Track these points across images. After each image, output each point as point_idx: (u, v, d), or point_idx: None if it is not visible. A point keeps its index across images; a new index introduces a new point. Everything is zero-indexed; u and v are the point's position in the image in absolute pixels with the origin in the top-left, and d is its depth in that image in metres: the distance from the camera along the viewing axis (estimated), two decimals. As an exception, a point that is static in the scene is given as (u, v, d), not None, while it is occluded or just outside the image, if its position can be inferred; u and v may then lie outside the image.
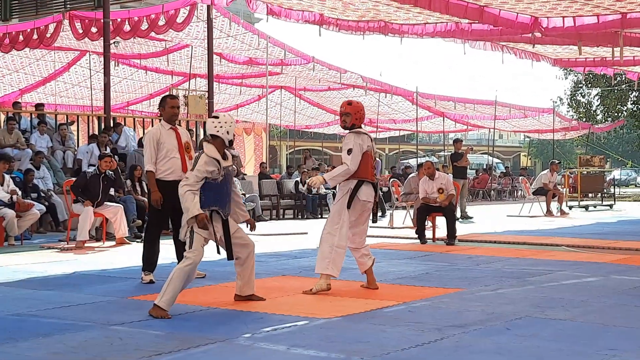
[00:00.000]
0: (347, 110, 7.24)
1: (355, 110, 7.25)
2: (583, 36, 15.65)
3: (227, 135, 6.25)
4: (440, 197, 11.97)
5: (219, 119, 6.28)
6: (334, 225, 7.13)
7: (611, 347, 4.87)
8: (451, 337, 5.17)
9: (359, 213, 7.21)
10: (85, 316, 5.95)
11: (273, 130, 37.66)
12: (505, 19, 14.16)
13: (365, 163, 7.15)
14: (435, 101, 30.30)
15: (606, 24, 14.26)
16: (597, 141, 42.01)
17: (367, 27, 15.59)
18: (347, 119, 7.23)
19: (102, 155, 12.25)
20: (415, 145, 40.56)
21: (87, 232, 11.46)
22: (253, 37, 20.05)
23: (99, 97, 22.01)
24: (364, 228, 7.37)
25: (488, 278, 8.02)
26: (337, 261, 7.08)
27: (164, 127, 7.75)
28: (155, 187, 7.63)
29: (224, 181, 6.24)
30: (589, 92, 40.43)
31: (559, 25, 14.51)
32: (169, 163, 7.67)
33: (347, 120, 7.24)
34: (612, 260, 9.63)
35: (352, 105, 7.32)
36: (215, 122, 6.26)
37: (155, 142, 7.63)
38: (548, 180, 19.33)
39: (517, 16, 14.24)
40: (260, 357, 4.69)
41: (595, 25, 14.34)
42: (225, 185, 6.27)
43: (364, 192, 7.16)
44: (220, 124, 6.24)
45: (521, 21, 14.35)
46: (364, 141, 7.18)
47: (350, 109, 7.25)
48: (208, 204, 6.15)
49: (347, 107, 7.29)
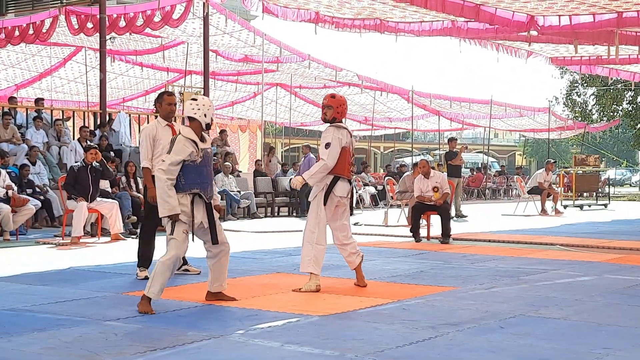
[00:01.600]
0: (330, 102, 7.15)
1: (338, 104, 7.14)
2: (579, 35, 15.68)
3: (204, 118, 6.15)
4: (435, 195, 11.99)
5: (197, 101, 6.21)
6: (313, 222, 7.08)
7: (605, 345, 4.90)
8: (445, 335, 5.19)
9: (334, 208, 7.13)
10: (80, 311, 5.95)
11: (268, 127, 37.63)
12: (501, 18, 14.19)
13: (342, 159, 7.05)
14: (430, 100, 30.33)
15: (602, 22, 14.30)
16: (593, 141, 42.12)
17: (363, 25, 15.60)
18: (328, 111, 7.14)
19: (86, 147, 12.25)
20: (410, 144, 40.60)
21: (81, 228, 11.48)
22: (249, 34, 20.06)
23: (95, 92, 22.05)
24: (343, 224, 7.24)
25: (482, 276, 8.04)
26: (318, 258, 7.02)
27: (160, 124, 7.70)
28: (151, 184, 7.56)
29: (203, 163, 6.14)
30: (585, 91, 40.49)
31: (555, 24, 14.55)
32: None
33: (328, 113, 7.14)
34: (606, 259, 9.66)
35: (335, 98, 7.21)
36: (193, 104, 6.19)
37: (151, 138, 7.59)
38: (543, 180, 19.36)
39: (514, 15, 14.27)
40: (255, 354, 4.70)
41: (591, 24, 14.39)
42: (205, 167, 6.18)
43: (339, 188, 7.07)
44: (197, 107, 6.16)
45: (517, 20, 14.39)
46: (343, 136, 7.07)
47: (333, 101, 7.14)
48: (189, 186, 6.07)
49: (329, 99, 7.19)
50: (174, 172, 6.03)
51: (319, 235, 7.03)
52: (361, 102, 30.79)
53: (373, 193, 22.73)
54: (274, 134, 41.86)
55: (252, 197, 17.57)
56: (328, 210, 7.09)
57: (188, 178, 6.07)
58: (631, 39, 16.41)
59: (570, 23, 14.45)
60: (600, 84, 36.79)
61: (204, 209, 6.19)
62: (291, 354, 4.70)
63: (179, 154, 6.03)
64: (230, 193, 16.79)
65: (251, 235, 13.01)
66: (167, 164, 6.03)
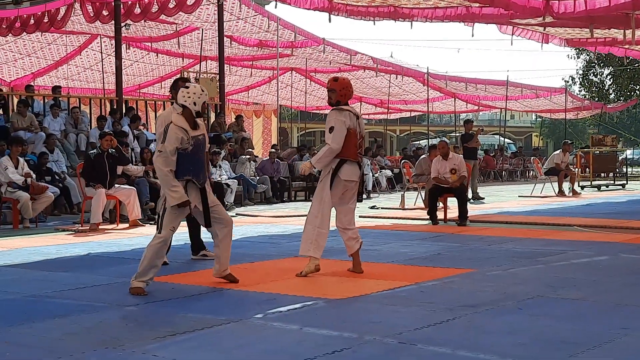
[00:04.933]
0: (332, 86, 7.06)
1: (341, 87, 7.04)
2: (595, 19, 15.52)
3: (194, 107, 6.22)
4: (453, 177, 11.97)
5: (187, 89, 6.28)
6: (317, 207, 7.05)
7: (623, 326, 4.89)
8: (463, 317, 5.20)
9: (341, 192, 7.06)
10: (100, 297, 6.01)
11: (284, 112, 37.63)
12: (516, 3, 14.04)
13: (348, 142, 6.95)
14: (446, 82, 30.20)
15: (618, 6, 14.13)
16: (610, 121, 41.76)
17: (377, 12, 15.51)
18: (332, 95, 7.05)
19: (102, 134, 12.31)
20: (426, 127, 40.47)
21: (100, 215, 11.56)
22: (263, 19, 20.00)
23: (111, 80, 22.08)
24: (350, 207, 7.17)
25: (499, 258, 8.04)
26: (319, 242, 6.99)
27: (176, 111, 7.75)
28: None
29: (194, 150, 6.22)
30: (602, 71, 40.14)
31: (570, 9, 14.37)
32: None
33: (332, 97, 7.05)
34: (624, 239, 9.62)
35: (337, 81, 7.11)
36: (184, 92, 6.26)
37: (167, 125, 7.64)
38: (560, 161, 19.25)
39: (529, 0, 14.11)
40: (273, 337, 4.74)
41: (607, 8, 14.21)
42: (196, 154, 6.26)
43: (346, 171, 6.98)
44: (188, 95, 6.24)
45: (533, 5, 14.22)
46: (347, 118, 6.96)
47: (336, 85, 7.05)
48: (182, 174, 6.17)
49: (332, 83, 7.10)
50: (173, 162, 6.15)
51: (322, 219, 6.99)
52: (376, 85, 30.71)
53: (389, 176, 22.70)
54: (290, 119, 41.88)
55: (268, 182, 17.60)
56: (335, 193, 7.02)
57: (180, 166, 6.17)
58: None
59: (585, 7, 14.26)
60: (617, 64, 36.45)
61: (197, 193, 6.27)
62: (310, 337, 4.73)
63: (172, 142, 6.13)
64: (247, 178, 16.83)
65: (269, 220, 13.05)
66: (164, 157, 6.17)
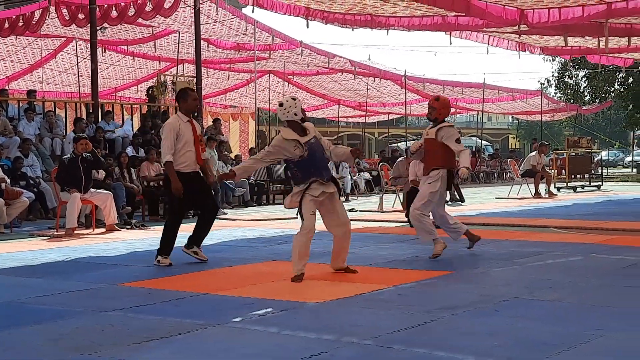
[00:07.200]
0: (433, 104, 8.33)
1: (441, 105, 8.33)
2: (569, 28, 15.68)
3: (295, 117, 6.81)
4: (430, 180, 11.98)
5: (282, 107, 6.83)
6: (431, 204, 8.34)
7: (599, 327, 4.93)
8: (441, 319, 5.22)
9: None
10: (75, 303, 5.97)
11: (262, 115, 37.57)
12: (491, 13, 14.14)
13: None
14: (423, 85, 30.33)
15: (591, 15, 14.27)
16: (585, 122, 42.13)
17: (354, 20, 15.58)
18: (432, 112, 8.33)
19: (76, 137, 12.18)
20: (404, 129, 40.58)
21: (75, 220, 11.47)
22: (240, 22, 19.98)
23: (87, 83, 21.94)
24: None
25: (477, 260, 8.08)
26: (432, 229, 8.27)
27: (182, 119, 7.98)
28: (175, 177, 7.84)
29: (311, 154, 6.79)
30: (577, 73, 40.50)
31: (544, 18, 14.51)
32: (186, 155, 7.90)
33: (432, 113, 8.34)
34: (600, 241, 9.70)
35: (438, 100, 8.38)
36: (281, 110, 6.83)
37: (174, 133, 7.83)
38: (536, 162, 19.37)
39: (504, 9, 14.20)
40: (252, 341, 4.73)
41: (580, 17, 14.36)
42: (314, 157, 6.83)
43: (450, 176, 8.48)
44: (286, 110, 6.80)
45: (508, 15, 14.33)
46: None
47: (437, 104, 8.31)
48: (307, 177, 6.79)
49: (433, 102, 8.37)
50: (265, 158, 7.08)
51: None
52: (354, 88, 30.76)
53: (368, 179, 22.75)
54: (268, 122, 41.81)
55: (247, 185, 17.57)
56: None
57: (304, 171, 6.82)
58: (620, 31, 16.41)
59: (559, 17, 14.42)
60: (592, 66, 36.79)
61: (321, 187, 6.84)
62: (289, 340, 4.72)
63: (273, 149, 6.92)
64: (225, 182, 16.78)
65: (246, 224, 13.02)
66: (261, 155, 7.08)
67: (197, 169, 8.03)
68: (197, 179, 8.03)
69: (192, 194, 7.91)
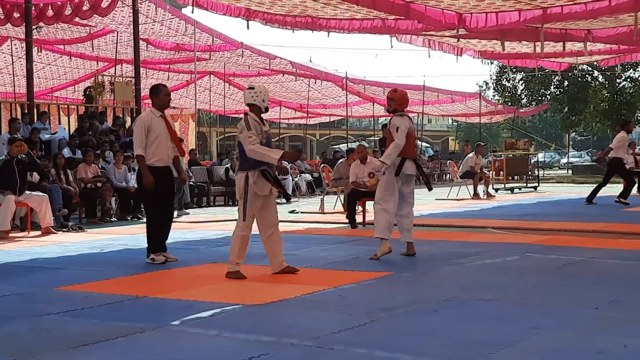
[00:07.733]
0: (392, 96, 8.26)
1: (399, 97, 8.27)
2: (506, 32, 15.98)
3: (262, 103, 6.97)
4: (371, 181, 12.07)
5: (254, 90, 7.02)
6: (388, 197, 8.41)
7: (533, 325, 5.02)
8: (380, 320, 5.25)
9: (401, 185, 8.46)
10: (10, 307, 5.83)
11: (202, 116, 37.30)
12: (430, 17, 14.32)
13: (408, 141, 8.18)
14: (364, 87, 30.50)
15: (527, 20, 14.57)
16: (522, 125, 42.98)
17: (295, 22, 15.60)
18: (391, 103, 8.28)
19: (11, 139, 11.93)
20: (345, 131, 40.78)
21: (8, 222, 11.23)
22: (180, 22, 19.80)
23: (22, 83, 21.48)
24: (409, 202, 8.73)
25: (416, 261, 8.15)
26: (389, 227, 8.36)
27: (154, 114, 8.05)
28: (147, 171, 7.89)
29: (266, 144, 6.91)
30: (514, 76, 41.27)
31: (482, 23, 14.77)
32: (157, 150, 7.92)
33: (390, 105, 8.28)
34: (536, 241, 9.87)
35: (396, 92, 8.31)
36: (251, 92, 7.00)
37: (145, 128, 7.90)
38: (474, 163, 19.62)
39: (443, 13, 14.40)
40: (191, 343, 4.68)
41: (517, 22, 14.66)
42: (268, 147, 6.93)
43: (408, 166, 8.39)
44: (256, 94, 6.97)
45: (447, 19, 14.53)
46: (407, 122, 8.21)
47: (395, 95, 8.26)
48: (258, 165, 6.85)
49: (392, 93, 8.30)
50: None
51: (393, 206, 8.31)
52: (296, 89, 30.78)
53: (309, 180, 22.77)
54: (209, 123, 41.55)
55: (187, 187, 17.39)
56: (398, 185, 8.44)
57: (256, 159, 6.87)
58: (555, 36, 16.78)
59: (496, 21, 14.69)
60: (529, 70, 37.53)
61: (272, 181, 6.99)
62: (228, 342, 4.70)
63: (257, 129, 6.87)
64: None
65: (186, 226, 12.90)
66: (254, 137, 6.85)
67: (169, 163, 8.09)
68: (168, 175, 8.09)
69: (161, 188, 7.93)
